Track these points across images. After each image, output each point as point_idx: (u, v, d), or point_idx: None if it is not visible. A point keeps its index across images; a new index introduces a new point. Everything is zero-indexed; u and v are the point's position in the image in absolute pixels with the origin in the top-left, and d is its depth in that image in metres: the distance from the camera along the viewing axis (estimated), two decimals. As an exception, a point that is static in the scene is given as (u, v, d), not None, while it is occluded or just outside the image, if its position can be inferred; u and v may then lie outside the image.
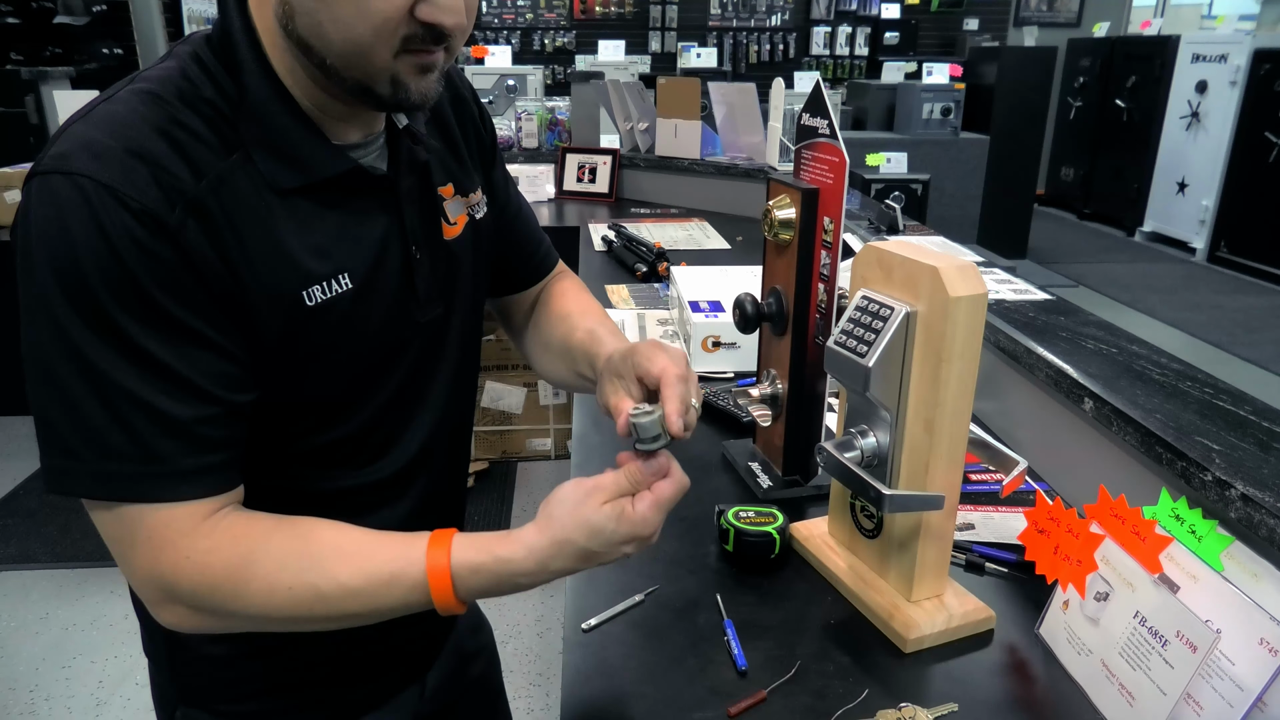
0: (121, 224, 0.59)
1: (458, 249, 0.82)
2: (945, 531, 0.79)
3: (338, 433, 0.75)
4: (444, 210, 0.81)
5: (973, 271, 0.71)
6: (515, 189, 0.98)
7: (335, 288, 0.69)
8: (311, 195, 0.68)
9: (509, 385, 3.11)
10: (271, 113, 0.66)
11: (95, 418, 0.61)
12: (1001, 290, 1.35)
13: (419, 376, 0.81)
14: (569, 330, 0.93)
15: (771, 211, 0.93)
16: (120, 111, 0.63)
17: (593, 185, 3.06)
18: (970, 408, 0.74)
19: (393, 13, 0.61)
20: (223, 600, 0.64)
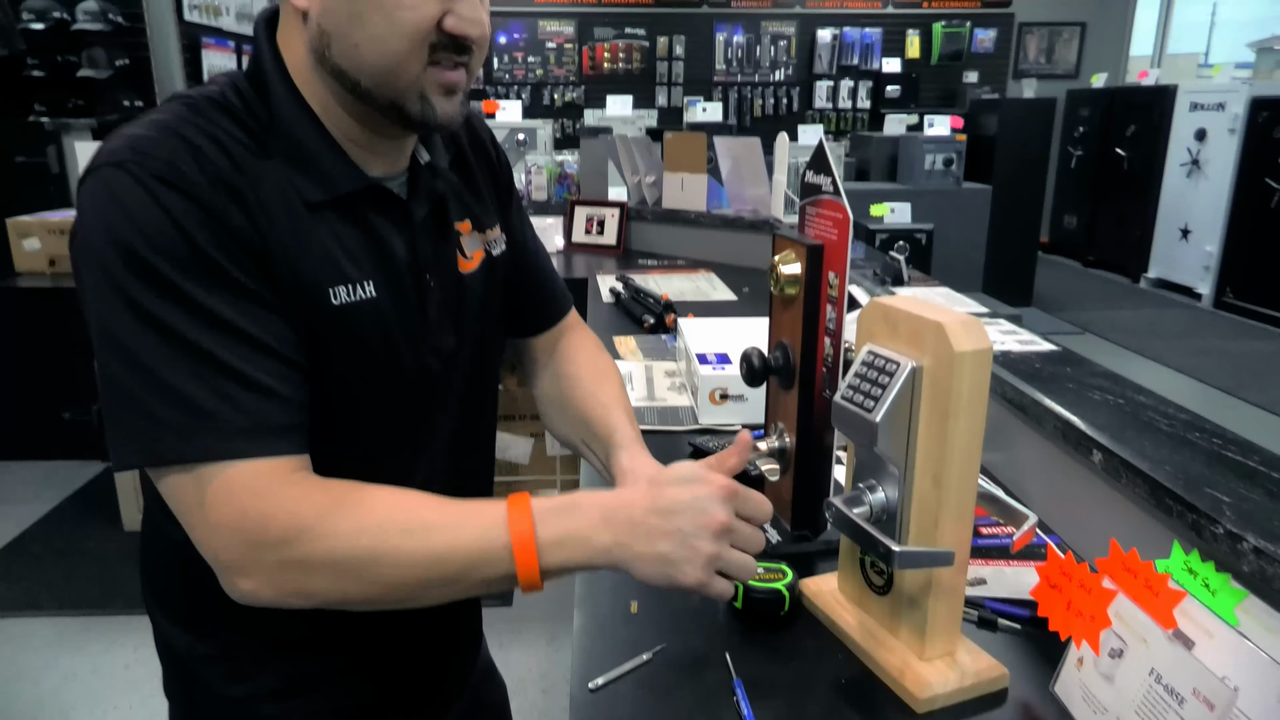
0: (175, 201, 0.64)
1: (471, 283, 0.85)
2: (956, 587, 0.78)
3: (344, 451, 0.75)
4: (460, 244, 0.84)
5: (977, 326, 0.72)
6: (532, 232, 1.01)
7: (360, 292, 0.73)
8: (337, 212, 0.73)
9: (515, 435, 3.11)
10: (301, 134, 0.72)
11: (179, 381, 0.63)
12: (1007, 341, 1.35)
13: (427, 406, 0.82)
14: (584, 398, 0.95)
15: (777, 267, 0.94)
16: (163, 115, 0.69)
17: (601, 237, 3.09)
18: (978, 462, 0.74)
19: (423, 23, 0.68)
20: (311, 545, 0.63)
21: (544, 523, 0.66)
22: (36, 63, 4.35)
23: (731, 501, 0.69)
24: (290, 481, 0.65)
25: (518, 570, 0.65)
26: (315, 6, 0.69)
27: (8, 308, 3.30)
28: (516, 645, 2.46)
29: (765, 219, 2.73)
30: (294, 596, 0.66)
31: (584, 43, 8.04)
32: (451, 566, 0.65)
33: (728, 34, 8.12)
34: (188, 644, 0.83)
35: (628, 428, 0.89)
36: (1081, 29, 8.27)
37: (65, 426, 3.40)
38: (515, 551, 0.65)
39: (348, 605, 0.67)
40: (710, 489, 0.69)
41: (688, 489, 0.69)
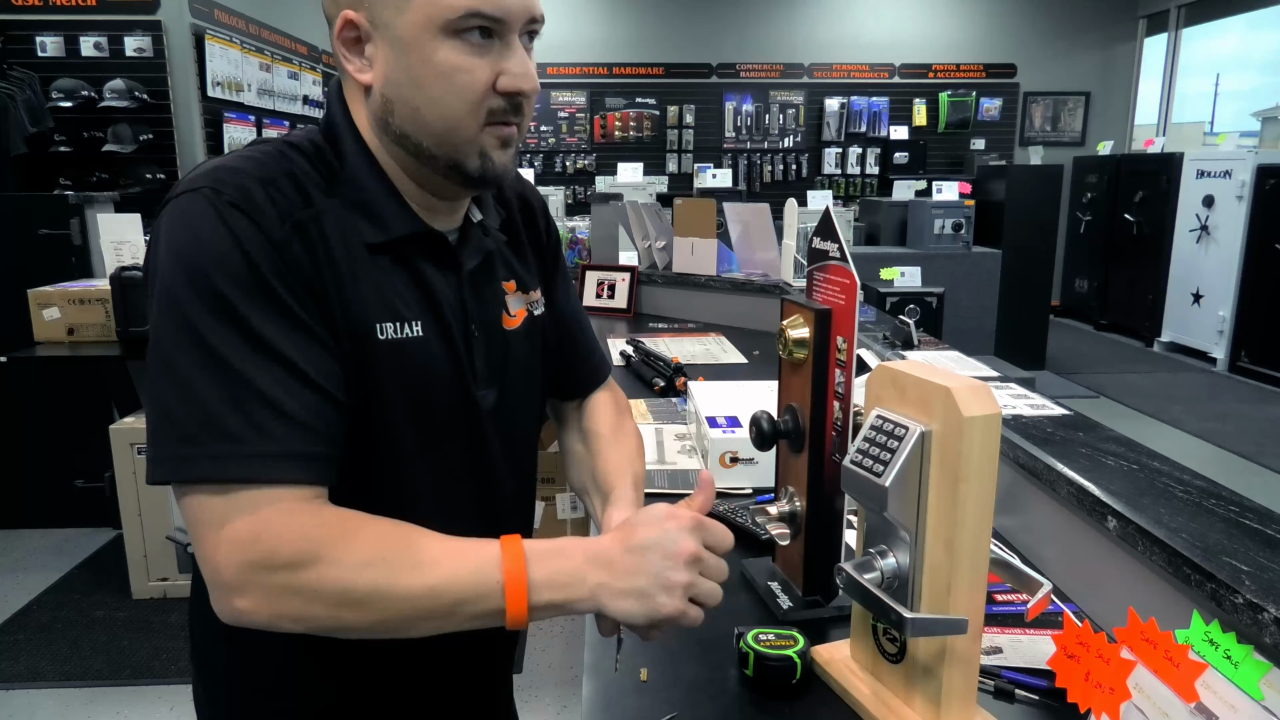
0: (244, 227, 0.68)
1: (514, 340, 0.89)
2: (971, 656, 0.77)
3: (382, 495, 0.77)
4: (505, 302, 0.89)
5: (985, 391, 0.72)
6: (577, 302, 1.06)
7: (407, 331, 0.77)
8: (392, 255, 0.78)
9: (527, 499, 3.10)
10: (365, 181, 0.78)
11: (214, 403, 0.66)
12: (1018, 405, 1.35)
13: (469, 455, 0.85)
14: (596, 454, 0.99)
15: (786, 331, 0.95)
16: (248, 150, 0.75)
17: (612, 301, 3.12)
18: (990, 527, 0.74)
19: (480, 86, 0.73)
20: (319, 572, 0.65)
21: (535, 563, 0.69)
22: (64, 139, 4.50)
23: (698, 532, 0.72)
24: (306, 510, 0.67)
25: (507, 607, 0.68)
26: (379, 79, 0.75)
27: (26, 376, 3.34)
28: (527, 713, 2.41)
29: (775, 283, 2.76)
30: (289, 621, 0.67)
31: (595, 112, 8.24)
32: (445, 600, 0.68)
33: (737, 102, 8.31)
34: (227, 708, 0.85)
35: (628, 489, 0.92)
36: (1086, 98, 8.42)
37: (77, 495, 3.42)
38: (506, 589, 0.68)
39: (339, 633, 0.68)
40: (677, 522, 0.72)
41: (656, 525, 0.72)
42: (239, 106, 5.18)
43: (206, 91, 4.83)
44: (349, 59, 0.76)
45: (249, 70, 5.29)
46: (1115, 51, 8.36)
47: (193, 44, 4.72)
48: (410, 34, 0.72)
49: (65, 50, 4.58)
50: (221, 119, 4.98)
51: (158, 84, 4.63)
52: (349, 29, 0.75)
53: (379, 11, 0.73)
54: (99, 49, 4.59)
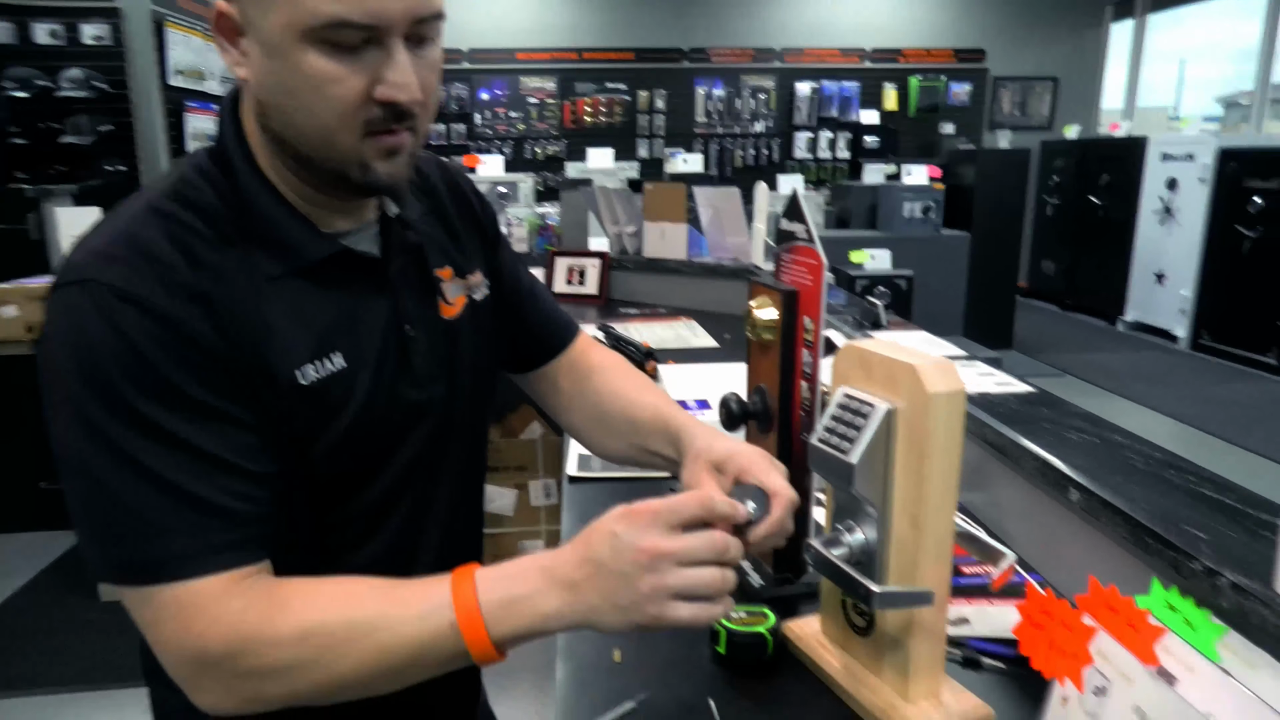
0: (132, 320, 0.64)
1: (457, 330, 0.85)
2: (937, 627, 0.78)
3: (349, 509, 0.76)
4: (441, 291, 0.84)
5: (950, 368, 0.73)
6: (525, 270, 1.03)
7: (328, 366, 0.72)
8: (306, 279, 0.73)
9: (500, 487, 3.09)
10: (261, 206, 0.72)
11: (128, 505, 0.63)
12: (984, 383, 1.37)
13: (428, 456, 0.82)
14: (629, 406, 0.97)
15: (753, 312, 0.96)
16: (122, 222, 0.68)
17: (582, 287, 3.11)
18: (955, 501, 0.75)
19: (353, 97, 0.67)
20: (257, 655, 0.63)
21: (487, 592, 0.66)
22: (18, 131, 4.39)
23: (655, 525, 0.65)
24: (234, 594, 0.65)
25: (468, 645, 0.65)
26: (252, 78, 0.69)
27: (-16, 376, 3.27)
28: (506, 698, 2.42)
29: (745, 266, 2.76)
30: (255, 704, 0.66)
31: (565, 97, 8.19)
32: (401, 654, 0.65)
33: (707, 88, 8.30)
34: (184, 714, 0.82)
35: (685, 416, 0.90)
36: (1054, 83, 8.51)
37: (42, 496, 3.35)
38: (462, 627, 0.64)
39: (310, 703, 0.67)
40: (628, 522, 0.66)
41: (607, 530, 0.66)
42: (201, 95, 5.08)
43: (167, 80, 4.73)
44: (226, 50, 0.70)
45: (211, 58, 5.18)
46: (1082, 37, 8.44)
47: (153, 31, 4.62)
48: (276, 38, 0.65)
49: (18, 38, 4.46)
50: (183, 109, 4.89)
51: (116, 73, 4.52)
52: (224, 19, 0.69)
53: (247, 7, 0.67)
54: (54, 36, 4.48)
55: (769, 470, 0.80)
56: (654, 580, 0.64)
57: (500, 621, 0.65)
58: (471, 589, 0.66)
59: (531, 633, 0.66)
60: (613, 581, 0.65)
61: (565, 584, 0.66)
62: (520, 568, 0.68)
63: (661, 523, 0.66)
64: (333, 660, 0.64)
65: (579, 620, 0.66)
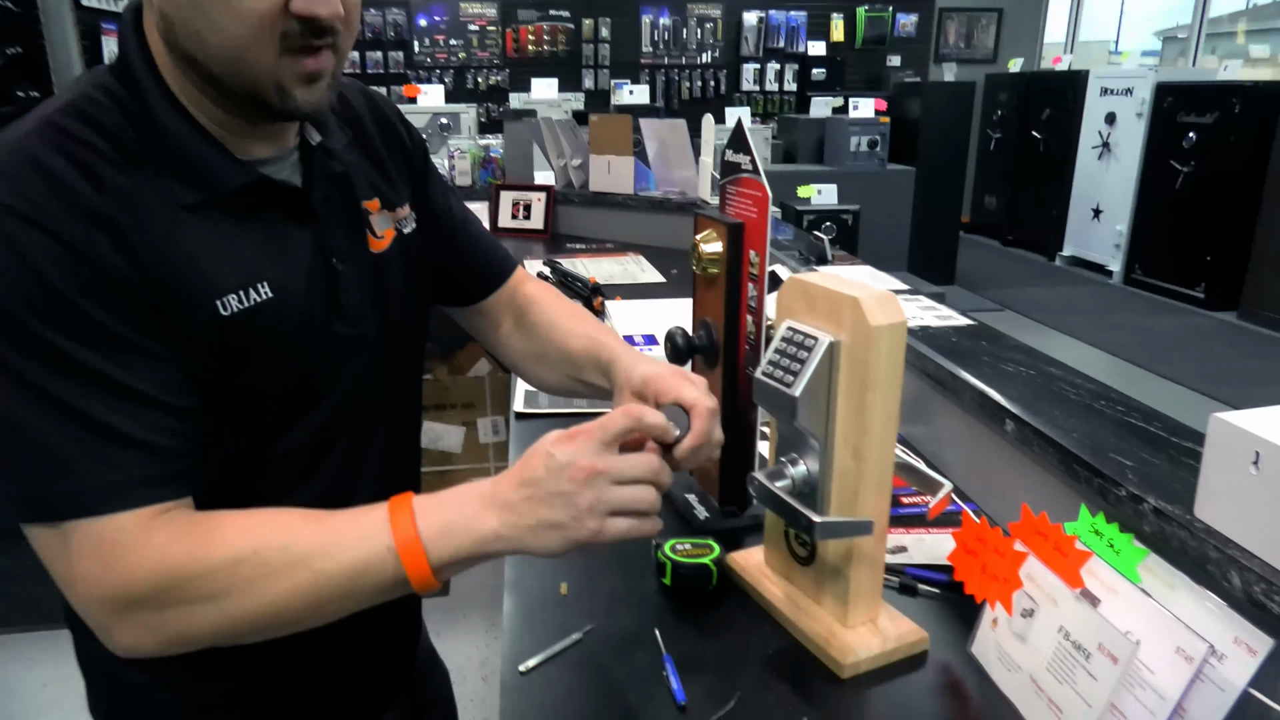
0: (32, 239, 0.59)
1: (387, 263, 0.83)
2: (877, 556, 0.80)
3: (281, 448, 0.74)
4: (370, 224, 0.81)
5: (892, 301, 0.73)
6: (458, 201, 1.00)
7: (253, 297, 0.68)
8: (224, 209, 0.68)
9: (448, 425, 3.08)
10: (173, 130, 0.67)
11: (41, 438, 0.60)
12: (926, 317, 1.39)
13: (362, 394, 0.80)
14: (564, 337, 0.96)
15: (699, 246, 0.95)
16: (14, 137, 0.63)
17: (528, 222, 3.06)
18: (895, 433, 0.76)
19: (264, 8, 0.62)
20: (185, 587, 0.61)
21: (425, 516, 0.65)
22: (-81, 52, 4.11)
23: (590, 444, 0.66)
24: (156, 527, 0.62)
25: (406, 570, 0.64)
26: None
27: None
28: (455, 634, 2.45)
29: (692, 200, 2.74)
30: (178, 644, 0.64)
31: (507, 25, 7.93)
32: (338, 579, 0.63)
33: (654, 16, 8.10)
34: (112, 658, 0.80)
35: (618, 345, 0.90)
36: (999, 15, 8.49)
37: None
38: (399, 550, 0.63)
39: (239, 639, 0.65)
40: (565, 443, 0.66)
41: (544, 452, 0.66)
42: (117, 17, 4.80)
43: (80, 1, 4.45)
44: None
45: (128, -25, 4.88)
46: (1027, -33, 8.43)
47: (61, -55, 4.32)
48: None
49: (-88, -50, 4.14)
50: (99, 31, 4.61)
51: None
52: None
53: None
54: (-48, -50, 4.17)
55: (683, 385, 0.80)
56: (591, 496, 0.65)
57: (438, 546, 0.64)
58: (409, 514, 0.65)
59: (470, 556, 0.65)
60: (551, 501, 0.65)
61: (503, 505, 0.65)
62: (457, 493, 0.67)
63: (596, 442, 0.66)
64: (266, 588, 0.62)
65: (517, 542, 0.65)
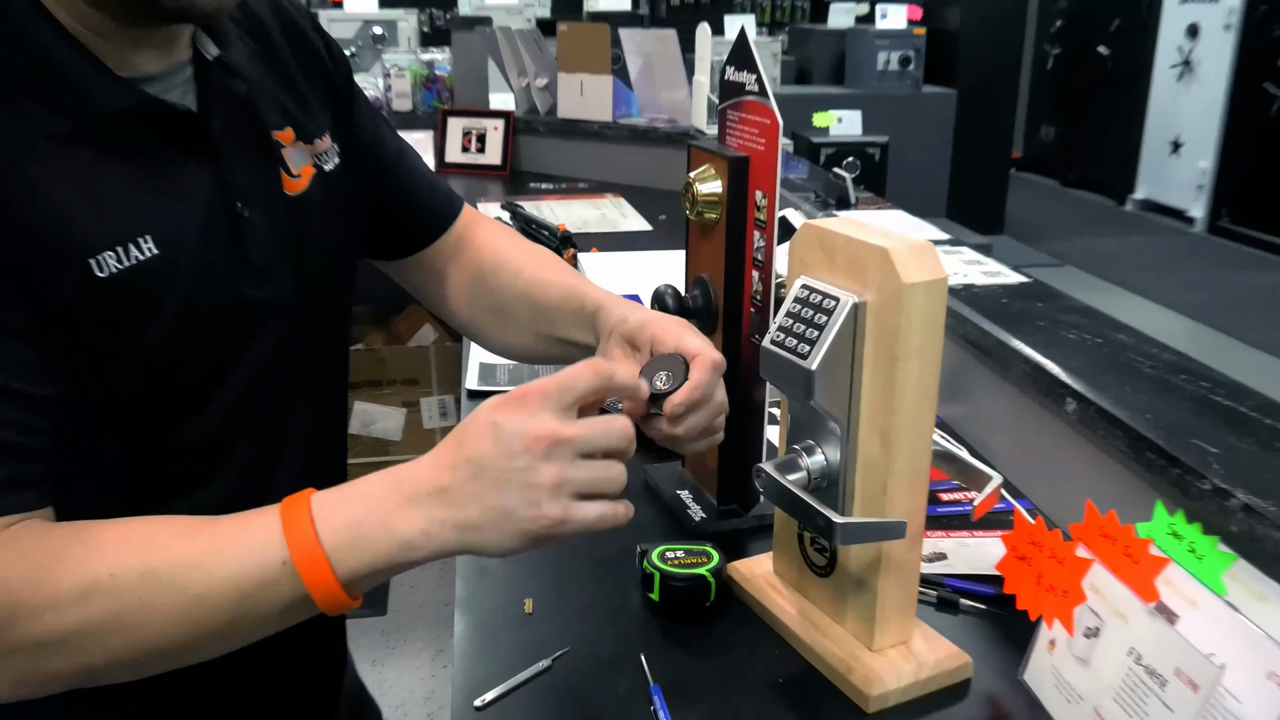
0: None
1: (305, 208, 0.81)
2: (910, 564, 0.80)
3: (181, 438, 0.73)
4: (282, 159, 0.80)
5: (929, 252, 0.73)
6: (391, 130, 0.99)
7: (135, 254, 0.67)
8: (99, 141, 0.66)
9: (384, 406, 3.07)
10: (32, 38, 0.64)
11: None
12: (970, 273, 1.39)
13: (275, 370, 0.79)
14: (530, 288, 0.96)
15: (693, 185, 0.94)
16: None
17: (481, 156, 3.04)
18: (933, 415, 0.76)
19: None
20: (29, 624, 0.60)
21: (327, 518, 0.62)
22: None
23: (545, 405, 0.63)
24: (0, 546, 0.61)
25: (308, 588, 0.61)
26: None
27: None
28: (395, 662, 2.46)
29: (684, 130, 2.73)
30: (37, 686, 0.62)
31: (457, -89, 7.82)
32: (221, 604, 0.62)
33: (637, -98, 8.01)
34: None
35: (600, 291, 0.90)
36: (1059, -100, 8.45)
37: None
38: (297, 563, 0.61)
39: (113, 679, 0.64)
40: (513, 407, 0.63)
41: (485, 422, 0.63)
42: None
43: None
44: None
45: None
46: None
47: None
48: None
49: None
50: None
51: None
52: None
53: None
54: None
55: (684, 333, 0.80)
56: (553, 473, 0.62)
57: (346, 555, 0.61)
58: (306, 517, 0.62)
59: (391, 564, 0.63)
60: (499, 483, 0.62)
61: (431, 495, 0.63)
62: (369, 484, 0.65)
63: (554, 404, 0.63)
64: (132, 622, 0.61)
65: (455, 541, 0.62)
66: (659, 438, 0.78)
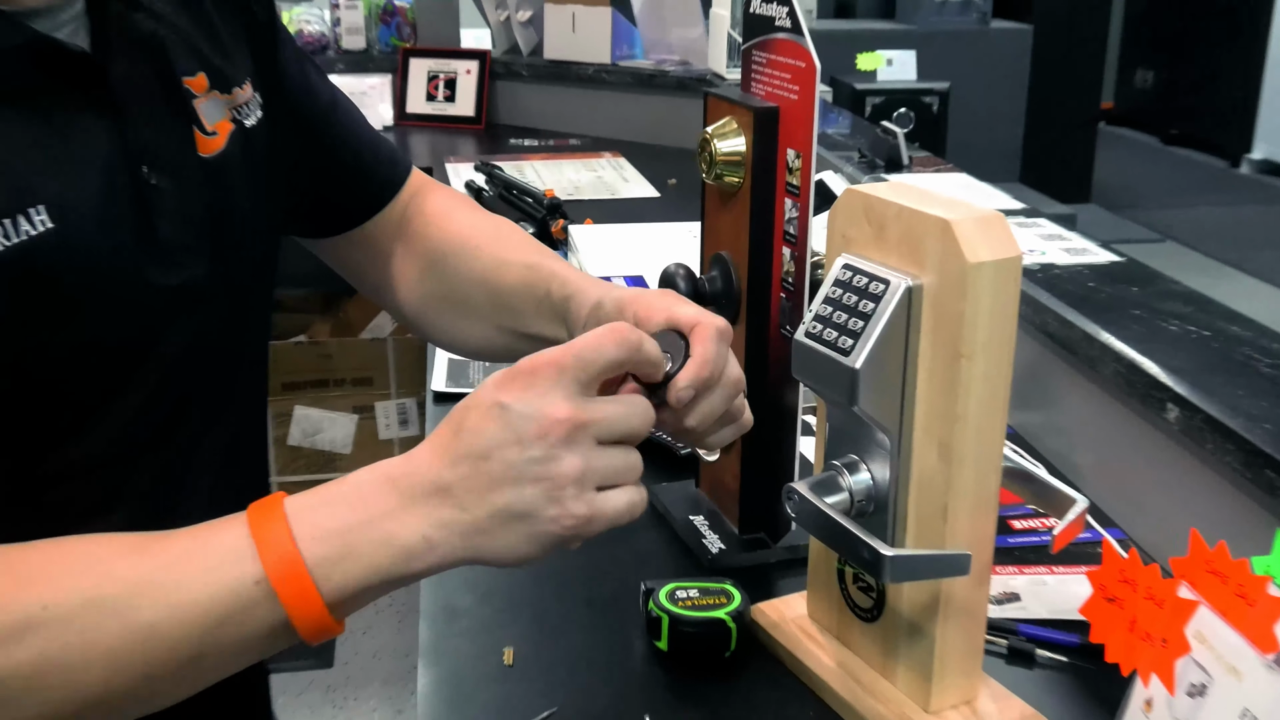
0: None
1: (222, 172, 0.82)
2: (976, 607, 0.81)
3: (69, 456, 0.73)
4: (196, 113, 0.80)
5: (999, 225, 0.73)
6: (321, 74, 0.99)
7: (25, 227, 0.66)
8: None
9: (331, 411, 3.07)
10: None
11: None
12: (1050, 250, 1.39)
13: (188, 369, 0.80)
14: (490, 269, 0.96)
15: (711, 142, 0.94)
16: None
17: (451, 106, 3.04)
18: (1004, 423, 0.76)
19: None
20: None
21: (305, 526, 0.61)
22: None
23: (562, 382, 0.63)
24: None
25: (288, 610, 0.60)
26: None
27: None
28: (342, 723, 2.46)
29: (700, 74, 2.73)
30: None
31: None
32: (182, 640, 0.61)
33: None
34: None
35: (572, 272, 0.90)
36: None
37: None
38: (275, 582, 0.60)
39: None
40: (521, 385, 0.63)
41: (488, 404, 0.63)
42: None
43: None
44: None
45: None
46: None
47: None
48: None
49: None
50: None
51: None
52: None
53: None
54: None
55: (673, 303, 0.80)
56: (576, 463, 0.62)
57: (333, 567, 0.61)
58: (282, 524, 0.61)
59: (386, 579, 0.62)
60: (511, 478, 0.61)
61: (431, 494, 0.62)
62: (354, 483, 0.64)
63: (570, 381, 0.63)
64: (74, 664, 0.60)
65: (461, 549, 0.62)
66: (669, 433, 0.77)
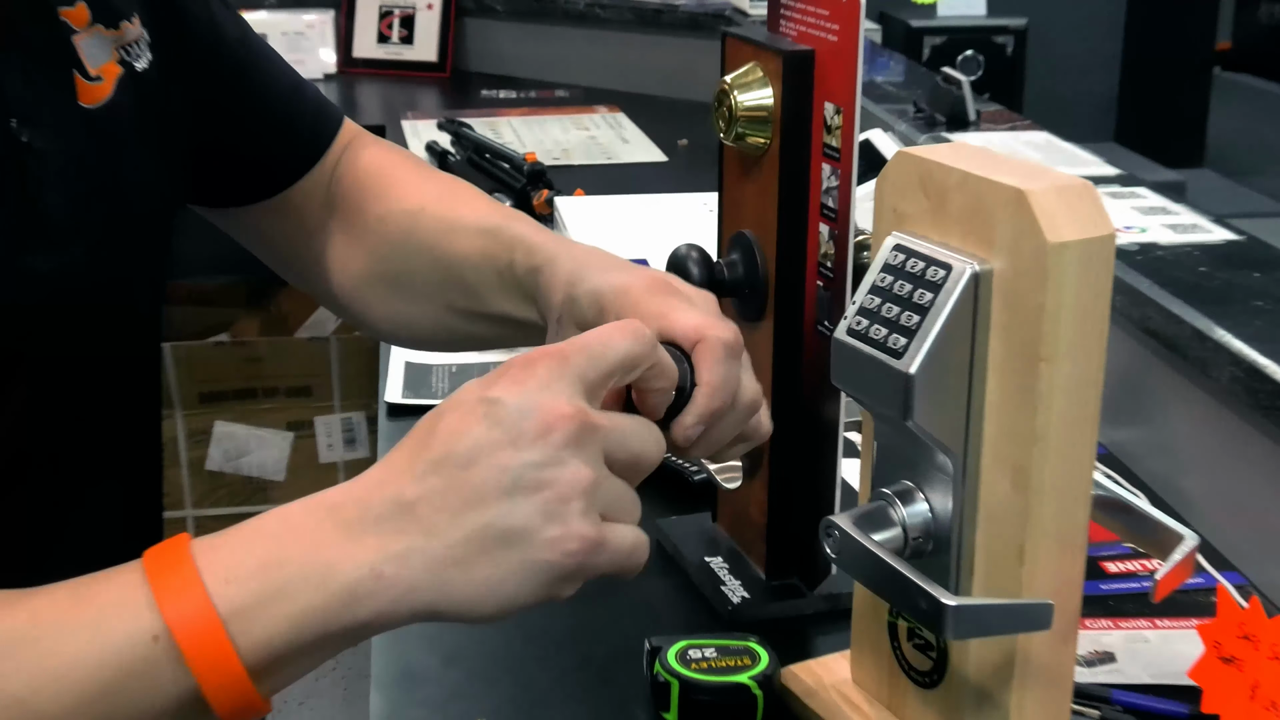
0: None
1: (109, 125, 0.82)
2: (1060, 669, 0.81)
3: None
4: (76, 52, 0.80)
5: (1089, 196, 0.73)
6: (229, 9, 1.00)
7: None
8: None
9: (260, 429, 3.07)
10: None
11: None
12: (1152, 227, 1.39)
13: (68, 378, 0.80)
14: (441, 237, 0.95)
15: (730, 94, 0.94)
16: None
17: (409, 49, 3.05)
18: (1094, 443, 0.76)
19: None
20: None
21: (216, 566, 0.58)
22: None
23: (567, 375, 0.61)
24: None
25: (196, 674, 0.55)
26: None
27: None
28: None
29: (717, 9, 2.74)
30: None
31: None
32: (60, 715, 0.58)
33: None
34: None
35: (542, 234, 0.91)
36: None
37: None
38: (179, 637, 0.55)
39: None
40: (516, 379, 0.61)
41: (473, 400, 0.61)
42: None
43: None
44: None
45: None
46: None
47: None
48: None
49: None
50: None
51: None
52: None
53: None
54: None
55: (673, 304, 0.77)
56: (585, 470, 0.59)
57: (254, 618, 0.56)
58: (187, 564, 0.58)
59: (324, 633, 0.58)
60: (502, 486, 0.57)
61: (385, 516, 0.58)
62: (278, 518, 0.61)
63: (576, 376, 0.61)
64: None
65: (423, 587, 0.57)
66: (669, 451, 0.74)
